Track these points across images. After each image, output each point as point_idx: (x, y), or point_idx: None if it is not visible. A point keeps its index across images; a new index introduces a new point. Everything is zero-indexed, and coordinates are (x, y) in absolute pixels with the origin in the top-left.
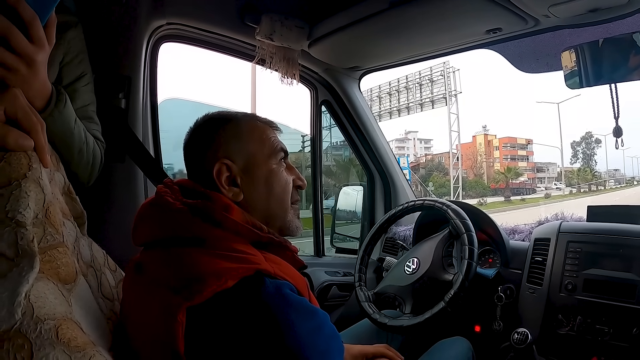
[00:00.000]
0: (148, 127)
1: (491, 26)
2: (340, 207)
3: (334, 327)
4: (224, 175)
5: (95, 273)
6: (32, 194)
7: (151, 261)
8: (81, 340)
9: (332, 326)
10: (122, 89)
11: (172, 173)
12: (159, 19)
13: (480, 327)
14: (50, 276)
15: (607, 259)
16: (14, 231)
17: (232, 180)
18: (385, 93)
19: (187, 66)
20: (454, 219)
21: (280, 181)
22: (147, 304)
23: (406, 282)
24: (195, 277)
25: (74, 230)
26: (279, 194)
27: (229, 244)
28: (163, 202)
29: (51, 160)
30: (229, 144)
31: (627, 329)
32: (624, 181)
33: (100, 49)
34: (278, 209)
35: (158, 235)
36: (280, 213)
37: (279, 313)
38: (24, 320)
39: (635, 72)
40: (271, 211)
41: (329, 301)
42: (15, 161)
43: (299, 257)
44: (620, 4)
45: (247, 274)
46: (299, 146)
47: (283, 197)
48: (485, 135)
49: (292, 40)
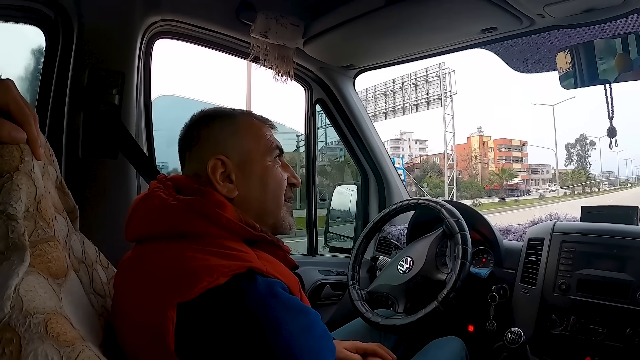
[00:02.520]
0: (141, 123)
1: (486, 26)
2: (334, 207)
3: (325, 327)
4: (218, 171)
5: (87, 269)
6: (24, 187)
7: (143, 257)
8: (70, 334)
9: (323, 326)
10: (115, 85)
11: (167, 171)
12: (154, 15)
13: (474, 327)
14: (41, 270)
15: (600, 259)
16: (5, 224)
17: (226, 176)
18: (380, 93)
19: (181, 63)
20: (448, 219)
21: (275, 178)
22: (139, 300)
23: (399, 281)
24: (186, 273)
25: (65, 225)
26: (273, 190)
27: (221, 241)
28: (156, 198)
29: (44, 153)
30: (224, 140)
31: (620, 329)
32: (617, 183)
33: (94, 44)
34: (272, 206)
35: (151, 230)
36: (274, 209)
37: (269, 311)
38: (13, 314)
39: (630, 73)
40: (265, 208)
41: (322, 300)
42: (7, 153)
43: (291, 257)
44: (615, 4)
45: (239, 271)
46: (294, 145)
47: (277, 193)
48: (480, 136)
49: (287, 38)
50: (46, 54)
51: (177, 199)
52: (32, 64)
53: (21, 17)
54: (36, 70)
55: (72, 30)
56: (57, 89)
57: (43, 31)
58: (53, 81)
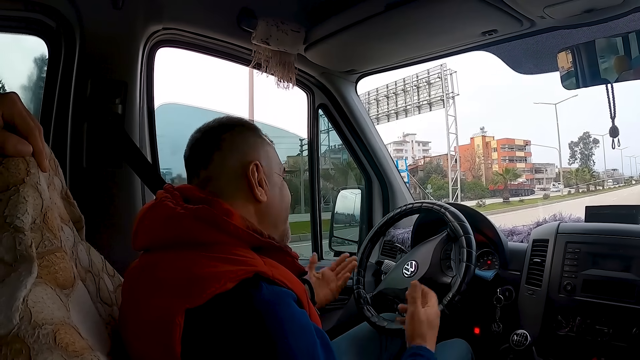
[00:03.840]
0: (145, 132)
1: (487, 28)
2: (338, 211)
3: (329, 344)
4: (256, 174)
5: (94, 278)
6: (30, 199)
7: (152, 265)
8: (79, 345)
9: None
10: (118, 95)
11: (170, 178)
12: (155, 24)
13: (480, 329)
14: (49, 281)
15: (605, 259)
16: (12, 236)
17: (258, 181)
18: (382, 96)
19: (184, 71)
20: (452, 222)
21: (288, 191)
22: (146, 307)
23: (405, 285)
24: (195, 279)
25: (72, 235)
26: (287, 202)
27: (229, 248)
28: (165, 207)
29: (50, 164)
30: (253, 148)
31: (626, 329)
32: (622, 181)
33: (96, 54)
34: (284, 215)
35: (160, 239)
36: (285, 219)
37: (272, 320)
38: (22, 325)
39: (631, 72)
40: (280, 216)
41: (327, 305)
42: (13, 166)
43: (299, 263)
44: (615, 4)
45: (245, 276)
46: (297, 150)
47: (288, 205)
48: (483, 136)
49: (288, 44)
50: (49, 64)
51: (185, 207)
52: (35, 73)
53: (23, 28)
54: (39, 80)
55: (75, 41)
56: (61, 99)
57: (45, 42)
58: (56, 91)
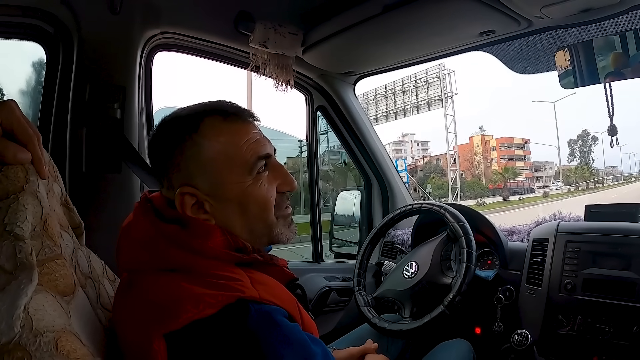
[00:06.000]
0: (144, 136)
1: (484, 28)
2: (338, 212)
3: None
4: (189, 204)
5: (94, 284)
6: (30, 207)
7: (134, 285)
8: (80, 352)
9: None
10: (117, 99)
11: None
12: (153, 29)
13: (481, 329)
14: (49, 288)
15: (606, 258)
16: (12, 244)
17: (199, 207)
18: (381, 96)
19: (182, 75)
20: (452, 222)
21: (256, 200)
22: (131, 328)
23: (405, 286)
24: (169, 302)
25: (71, 242)
26: (257, 214)
27: (209, 270)
28: (138, 229)
29: (49, 171)
30: (188, 168)
31: (627, 328)
32: (621, 178)
33: (94, 59)
34: (261, 228)
35: (139, 263)
36: (265, 230)
37: (265, 343)
38: (23, 333)
39: (628, 71)
40: (253, 230)
41: (328, 307)
42: (12, 174)
43: (288, 270)
44: (612, 3)
45: (228, 302)
46: (296, 151)
47: (263, 215)
48: (482, 135)
49: (286, 47)
50: (47, 70)
51: (158, 229)
52: (33, 78)
53: (21, 34)
54: (38, 85)
55: (72, 46)
56: (59, 105)
57: (44, 47)
58: (55, 97)
